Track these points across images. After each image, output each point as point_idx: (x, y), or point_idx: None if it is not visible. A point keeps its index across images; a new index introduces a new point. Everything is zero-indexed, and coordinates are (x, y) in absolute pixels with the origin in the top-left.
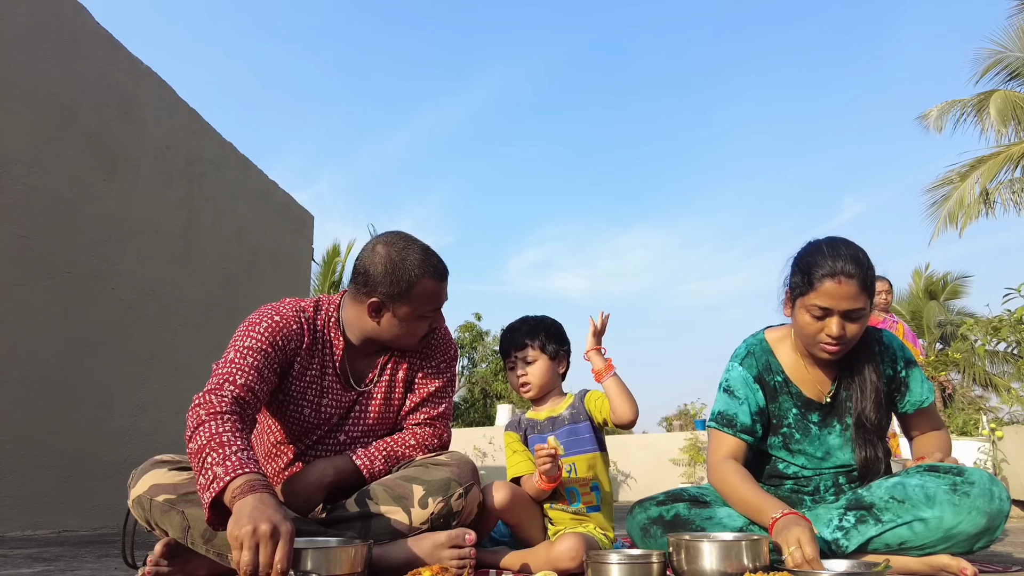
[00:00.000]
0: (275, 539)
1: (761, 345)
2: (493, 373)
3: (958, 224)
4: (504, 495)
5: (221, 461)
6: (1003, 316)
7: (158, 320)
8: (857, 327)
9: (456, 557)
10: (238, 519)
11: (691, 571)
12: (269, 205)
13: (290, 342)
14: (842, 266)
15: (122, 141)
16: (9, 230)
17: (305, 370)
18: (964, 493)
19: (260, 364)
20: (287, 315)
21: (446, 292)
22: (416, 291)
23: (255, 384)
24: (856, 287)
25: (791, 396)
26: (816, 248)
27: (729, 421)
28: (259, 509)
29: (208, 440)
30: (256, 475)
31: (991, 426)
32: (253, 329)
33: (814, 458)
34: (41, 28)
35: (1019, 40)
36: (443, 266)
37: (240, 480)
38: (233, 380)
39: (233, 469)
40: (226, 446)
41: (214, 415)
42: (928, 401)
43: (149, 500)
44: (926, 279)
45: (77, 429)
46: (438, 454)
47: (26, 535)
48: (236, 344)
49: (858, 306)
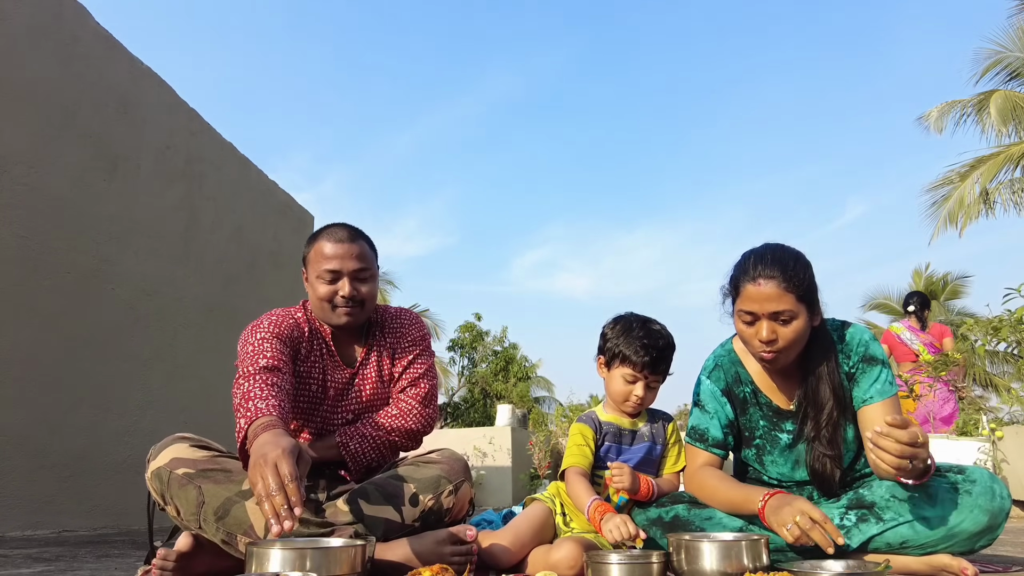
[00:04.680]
0: (270, 464)
1: (729, 356)
2: (493, 373)
3: (958, 224)
4: (569, 555)
5: (243, 414)
6: (1003, 316)
7: (158, 320)
8: (790, 331)
9: (458, 554)
10: (252, 461)
11: (691, 571)
12: (269, 205)
13: (292, 331)
14: (761, 269)
15: (122, 141)
16: (9, 230)
17: (309, 353)
18: (966, 491)
19: (276, 345)
20: (279, 314)
21: (349, 260)
22: (313, 250)
23: (281, 355)
24: (776, 288)
25: (760, 407)
26: (744, 256)
27: (701, 436)
28: (256, 450)
29: (240, 400)
30: (269, 417)
31: (991, 426)
32: (259, 327)
33: (785, 471)
34: (41, 28)
35: (1019, 40)
36: (343, 232)
37: (255, 425)
38: (263, 353)
39: (251, 417)
40: (250, 399)
41: (247, 377)
42: (872, 400)
43: (168, 472)
44: (926, 279)
45: (77, 429)
46: (429, 452)
47: (26, 535)
48: (249, 339)
49: (783, 308)
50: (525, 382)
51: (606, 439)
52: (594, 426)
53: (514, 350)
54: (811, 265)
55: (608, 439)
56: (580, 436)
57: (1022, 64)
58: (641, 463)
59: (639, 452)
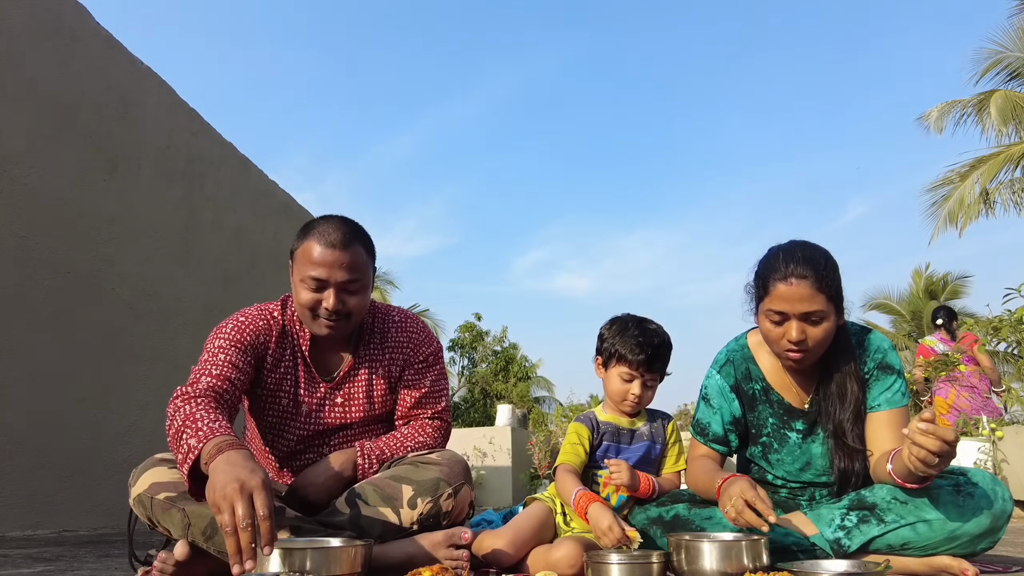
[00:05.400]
0: (245, 493)
1: (742, 352)
2: (493, 373)
3: (958, 224)
4: (569, 555)
5: (194, 433)
6: (1003, 316)
7: (158, 320)
8: (820, 331)
9: (453, 556)
10: (210, 486)
11: (691, 571)
12: (269, 205)
13: (258, 336)
14: (794, 268)
15: (122, 141)
16: (9, 230)
17: (278, 362)
18: (967, 494)
19: (232, 357)
20: (251, 314)
21: (337, 269)
22: (300, 249)
23: (230, 373)
24: (809, 288)
25: (771, 404)
26: (772, 253)
27: (702, 430)
28: (225, 471)
29: (183, 421)
30: (225, 436)
31: (991, 426)
32: (221, 331)
33: (792, 470)
34: (41, 28)
35: (1019, 40)
36: (336, 235)
37: (210, 444)
38: (208, 372)
39: (204, 437)
40: (197, 421)
41: (188, 399)
42: (879, 408)
43: (150, 499)
44: (926, 279)
45: (77, 429)
46: (430, 452)
47: (26, 535)
48: (207, 347)
49: (815, 308)
50: (525, 382)
51: (604, 439)
52: (591, 426)
53: (514, 350)
54: (838, 264)
55: (607, 439)
56: (575, 435)
57: (1022, 64)
58: (640, 462)
59: (638, 451)
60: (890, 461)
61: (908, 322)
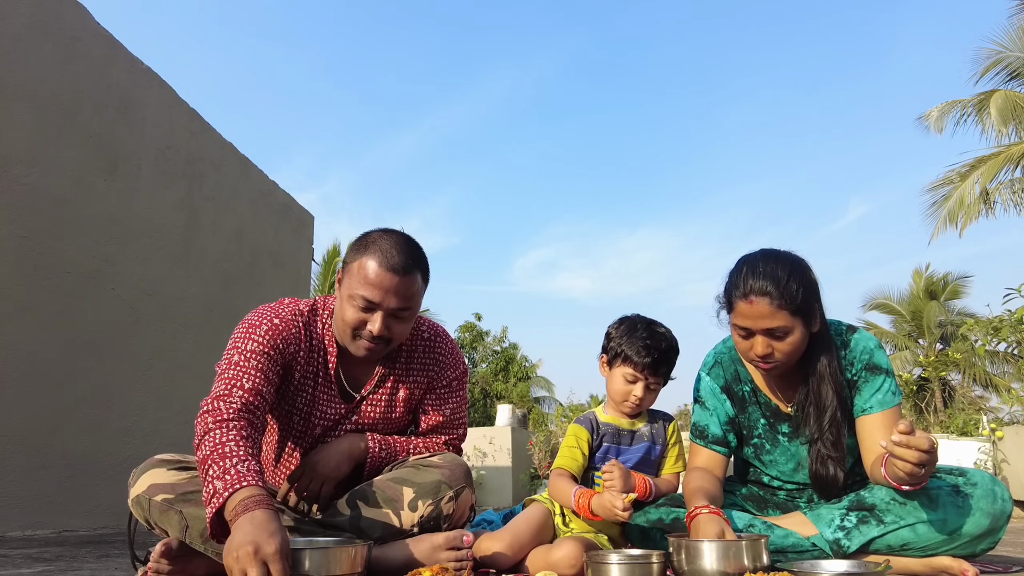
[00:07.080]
0: (259, 559)
1: (730, 353)
2: (493, 373)
3: (958, 224)
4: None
5: (221, 475)
6: (1003, 316)
7: (158, 320)
8: (786, 345)
9: (454, 559)
10: (229, 544)
11: (691, 571)
12: (269, 205)
13: (290, 345)
14: (753, 284)
15: (122, 141)
16: (9, 230)
17: (303, 377)
18: (967, 495)
19: (265, 367)
20: (286, 318)
21: (392, 295)
22: (356, 263)
23: (262, 387)
24: (769, 306)
25: (759, 406)
26: (737, 267)
27: (701, 433)
28: (246, 531)
29: (212, 450)
30: (252, 488)
31: (991, 426)
32: (254, 331)
33: (786, 470)
34: (41, 28)
35: (1019, 40)
36: (399, 259)
37: (236, 498)
38: (241, 384)
39: (231, 484)
40: (227, 457)
41: (221, 423)
42: (871, 410)
43: (148, 500)
44: (926, 279)
45: (77, 429)
46: (431, 455)
47: (26, 535)
48: (238, 347)
49: (776, 324)
50: (525, 382)
51: (604, 440)
52: (590, 427)
53: (514, 350)
54: (809, 271)
55: (607, 439)
56: (573, 438)
57: (1022, 64)
58: (640, 463)
59: (638, 452)
60: (883, 465)
61: (908, 322)
